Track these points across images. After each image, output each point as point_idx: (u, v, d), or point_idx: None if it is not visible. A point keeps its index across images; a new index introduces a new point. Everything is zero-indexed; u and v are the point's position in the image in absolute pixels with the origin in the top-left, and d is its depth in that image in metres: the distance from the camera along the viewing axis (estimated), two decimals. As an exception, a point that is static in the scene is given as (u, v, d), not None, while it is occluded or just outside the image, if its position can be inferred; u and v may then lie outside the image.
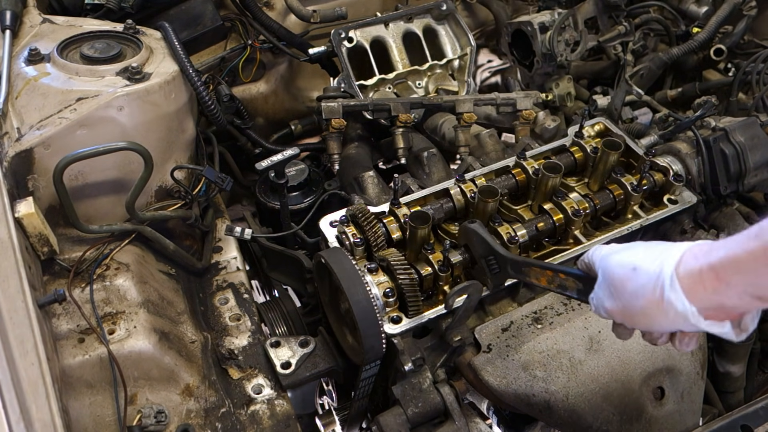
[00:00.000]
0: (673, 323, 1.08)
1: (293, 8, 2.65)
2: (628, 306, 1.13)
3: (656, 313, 1.08)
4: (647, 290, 1.08)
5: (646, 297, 1.09)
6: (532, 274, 1.43)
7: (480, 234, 1.56)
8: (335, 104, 2.20)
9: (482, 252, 1.58)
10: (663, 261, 1.08)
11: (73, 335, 1.63)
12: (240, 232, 2.09)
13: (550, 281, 1.37)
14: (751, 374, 2.32)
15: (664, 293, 1.06)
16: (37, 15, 2.16)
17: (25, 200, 1.66)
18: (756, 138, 1.98)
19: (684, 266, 1.05)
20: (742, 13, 2.64)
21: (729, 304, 1.02)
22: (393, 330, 1.60)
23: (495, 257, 1.55)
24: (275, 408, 1.70)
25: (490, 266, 1.57)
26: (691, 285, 1.04)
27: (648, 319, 1.11)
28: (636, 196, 1.85)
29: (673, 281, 1.05)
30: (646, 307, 1.09)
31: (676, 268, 1.06)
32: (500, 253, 1.53)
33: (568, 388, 1.61)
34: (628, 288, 1.12)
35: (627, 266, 1.13)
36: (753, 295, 0.99)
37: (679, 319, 1.06)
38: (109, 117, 1.80)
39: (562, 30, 2.55)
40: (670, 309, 1.06)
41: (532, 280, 1.44)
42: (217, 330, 1.88)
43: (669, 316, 1.07)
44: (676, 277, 1.05)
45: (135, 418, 1.58)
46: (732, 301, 1.01)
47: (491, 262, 1.56)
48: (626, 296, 1.12)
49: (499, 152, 2.21)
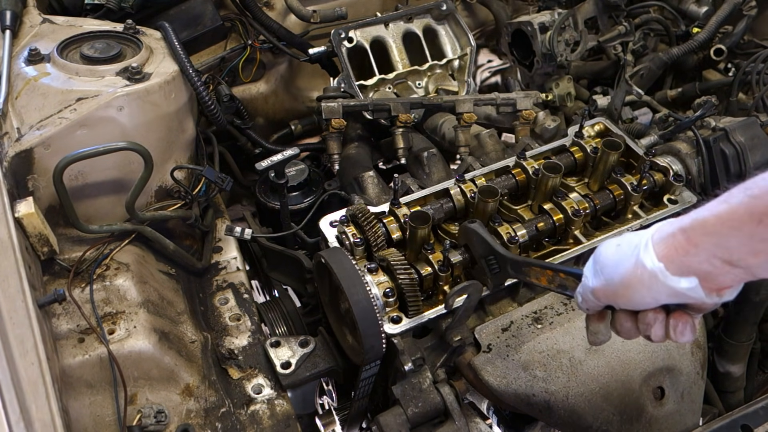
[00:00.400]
0: (650, 289, 1.10)
1: (293, 8, 2.65)
2: (610, 279, 1.14)
3: (635, 280, 1.10)
4: (626, 258, 1.11)
5: (625, 265, 1.11)
6: (533, 274, 1.43)
7: (480, 234, 1.56)
8: (335, 104, 2.20)
9: (482, 252, 1.58)
10: (643, 233, 1.12)
11: (73, 335, 1.63)
12: (240, 232, 2.09)
13: (551, 281, 1.37)
14: (751, 374, 2.32)
15: (638, 256, 1.09)
16: (37, 15, 2.16)
17: (25, 200, 1.66)
18: (756, 138, 1.98)
19: (659, 233, 1.10)
20: (742, 13, 2.64)
21: (701, 269, 1.04)
22: (393, 330, 1.60)
23: (495, 257, 1.55)
24: (275, 408, 1.70)
25: (490, 266, 1.57)
26: (664, 249, 1.07)
27: (629, 289, 1.12)
28: (636, 196, 1.85)
29: (647, 245, 1.09)
30: (625, 276, 1.11)
31: (652, 235, 1.10)
32: (500, 252, 1.53)
33: (568, 388, 1.61)
34: (611, 261, 1.14)
35: (612, 244, 1.16)
36: (722, 259, 1.02)
37: (653, 283, 1.08)
38: (109, 117, 1.80)
39: (562, 30, 2.55)
40: (644, 271, 1.08)
41: (532, 279, 1.43)
42: (217, 330, 1.88)
43: (644, 280, 1.09)
44: (650, 241, 1.09)
45: (135, 418, 1.58)
46: (703, 265, 1.04)
47: (491, 261, 1.56)
48: (609, 269, 1.15)
49: (499, 152, 2.21)
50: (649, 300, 1.13)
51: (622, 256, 1.13)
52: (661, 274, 1.06)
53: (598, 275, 1.17)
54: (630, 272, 1.10)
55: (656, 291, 1.09)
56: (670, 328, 1.16)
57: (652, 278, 1.08)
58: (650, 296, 1.11)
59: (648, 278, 1.08)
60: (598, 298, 1.19)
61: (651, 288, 1.09)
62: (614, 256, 1.14)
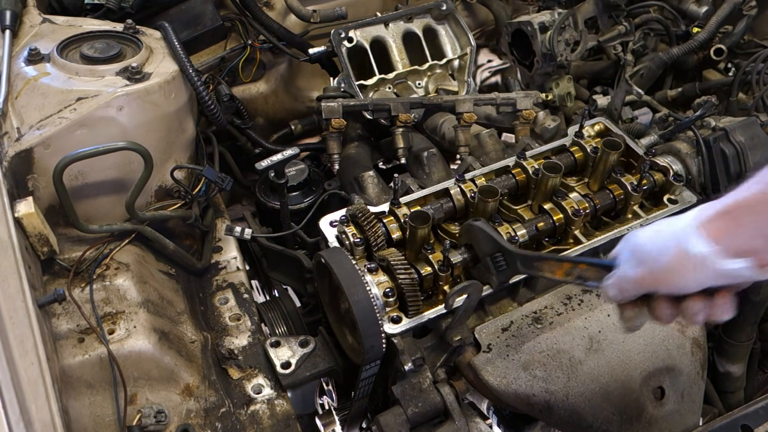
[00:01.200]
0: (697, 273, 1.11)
1: (293, 8, 2.65)
2: (654, 267, 1.15)
3: (681, 265, 1.11)
4: (670, 245, 1.12)
5: (670, 252, 1.12)
6: (546, 269, 1.40)
7: (486, 231, 1.54)
8: (335, 104, 2.20)
9: (488, 250, 1.55)
10: (683, 217, 1.14)
11: (73, 335, 1.63)
12: (240, 232, 2.09)
13: (568, 273, 1.34)
14: (751, 374, 2.32)
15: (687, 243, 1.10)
16: (37, 15, 2.16)
17: (25, 200, 1.66)
18: (756, 138, 1.98)
19: (701, 215, 1.12)
20: (742, 13, 2.63)
21: (746, 247, 1.07)
22: (393, 330, 1.60)
23: (502, 254, 1.52)
24: (275, 408, 1.70)
25: (497, 264, 1.54)
26: (709, 231, 1.09)
27: (674, 275, 1.13)
28: (636, 196, 1.85)
29: (693, 229, 1.10)
30: (671, 262, 1.12)
31: (695, 218, 1.12)
32: (509, 249, 1.51)
33: (568, 388, 1.61)
34: (653, 249, 1.16)
35: (650, 231, 1.18)
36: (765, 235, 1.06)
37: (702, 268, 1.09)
38: (109, 117, 1.80)
39: (562, 30, 2.55)
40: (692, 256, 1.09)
41: (545, 274, 1.41)
42: (217, 330, 1.88)
43: (692, 265, 1.10)
44: (695, 226, 1.11)
45: (135, 418, 1.58)
46: (747, 243, 1.06)
47: (498, 259, 1.54)
48: (651, 257, 1.15)
49: (499, 152, 2.21)
50: (694, 284, 1.13)
51: (664, 245, 1.14)
52: (711, 257, 1.08)
53: (640, 264, 1.17)
54: (677, 259, 1.12)
55: (704, 275, 1.11)
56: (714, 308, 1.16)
57: (701, 263, 1.09)
58: (696, 281, 1.13)
59: (696, 263, 1.10)
60: (640, 286, 1.19)
61: (698, 272, 1.11)
62: (656, 245, 1.15)
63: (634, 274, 1.18)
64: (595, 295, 1.76)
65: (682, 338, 1.72)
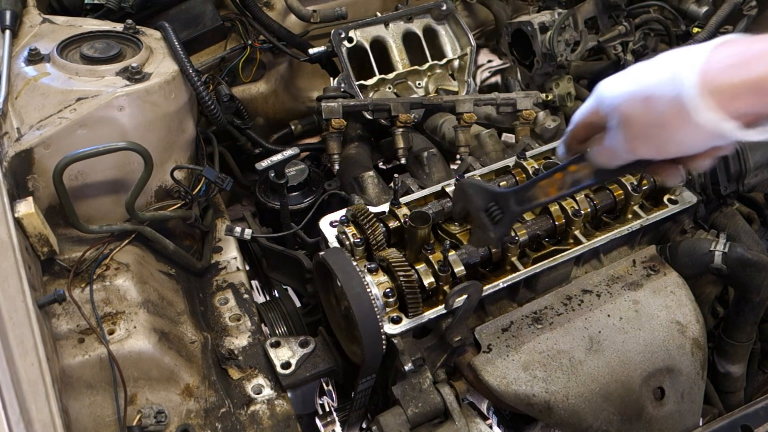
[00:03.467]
0: (708, 141, 1.03)
1: (293, 8, 2.65)
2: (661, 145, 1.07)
3: (688, 137, 1.03)
4: (673, 119, 1.02)
5: (671, 121, 1.02)
6: (540, 193, 1.35)
7: (475, 183, 1.47)
8: (335, 104, 2.20)
9: (481, 203, 1.45)
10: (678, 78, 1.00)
11: (73, 335, 1.63)
12: (240, 232, 2.09)
13: (562, 186, 1.30)
14: (751, 374, 2.32)
15: (698, 115, 0.99)
16: (37, 15, 2.16)
17: (25, 200, 1.66)
18: (756, 138, 1.98)
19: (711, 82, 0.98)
20: (742, 13, 2.63)
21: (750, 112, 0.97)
22: (393, 330, 1.60)
23: (495, 202, 1.43)
24: (275, 408, 1.70)
25: (492, 215, 1.44)
26: (723, 102, 0.97)
27: (678, 146, 1.06)
28: (636, 196, 1.85)
29: (701, 102, 0.98)
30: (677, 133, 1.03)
31: (699, 87, 0.98)
32: (500, 191, 1.43)
33: (568, 388, 1.61)
34: (649, 121, 1.06)
35: (638, 97, 1.07)
36: None
37: (714, 136, 1.01)
38: (109, 117, 1.80)
39: (562, 30, 2.55)
40: (705, 131, 1.00)
41: (541, 199, 1.36)
42: (217, 330, 1.88)
43: (703, 134, 1.01)
44: (702, 97, 0.98)
45: (135, 418, 1.58)
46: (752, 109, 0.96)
47: (492, 209, 1.44)
48: (645, 130, 1.06)
49: (499, 152, 2.21)
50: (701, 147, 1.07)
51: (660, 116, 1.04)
52: (733, 132, 0.99)
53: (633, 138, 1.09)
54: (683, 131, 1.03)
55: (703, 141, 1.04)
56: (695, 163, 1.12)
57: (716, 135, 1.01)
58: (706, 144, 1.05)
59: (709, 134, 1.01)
60: (633, 155, 1.13)
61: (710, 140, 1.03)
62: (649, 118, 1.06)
63: (626, 146, 1.11)
64: (595, 295, 1.76)
65: (682, 338, 1.72)
